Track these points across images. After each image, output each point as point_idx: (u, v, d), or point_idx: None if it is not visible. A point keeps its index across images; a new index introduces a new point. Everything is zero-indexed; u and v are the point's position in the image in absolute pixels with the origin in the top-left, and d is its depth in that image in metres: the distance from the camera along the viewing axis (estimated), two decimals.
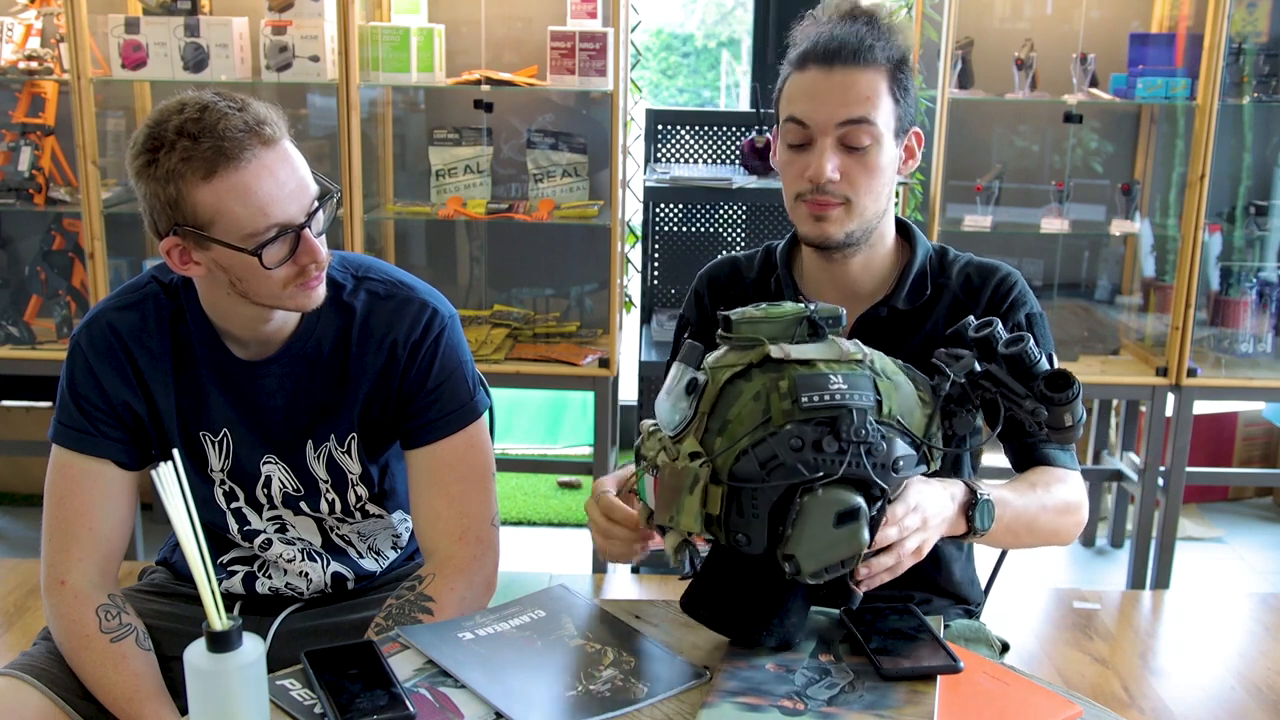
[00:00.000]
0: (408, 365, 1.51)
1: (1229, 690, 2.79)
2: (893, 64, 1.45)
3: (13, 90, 3.22)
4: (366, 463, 1.56)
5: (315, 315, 1.49)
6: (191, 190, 1.31)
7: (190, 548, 1.08)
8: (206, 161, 1.29)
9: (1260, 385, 3.23)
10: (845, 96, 1.43)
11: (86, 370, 1.48)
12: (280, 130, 1.35)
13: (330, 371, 1.51)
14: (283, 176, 1.33)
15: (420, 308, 1.53)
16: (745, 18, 3.97)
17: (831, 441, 1.11)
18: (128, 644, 1.46)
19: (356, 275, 1.54)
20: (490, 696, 1.15)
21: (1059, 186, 3.32)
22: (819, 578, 1.14)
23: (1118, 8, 3.31)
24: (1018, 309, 1.51)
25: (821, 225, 1.47)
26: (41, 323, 3.29)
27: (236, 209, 1.31)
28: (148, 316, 1.49)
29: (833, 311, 1.22)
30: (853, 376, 1.15)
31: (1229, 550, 3.59)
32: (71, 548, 1.48)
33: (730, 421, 1.15)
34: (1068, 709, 1.15)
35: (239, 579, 1.61)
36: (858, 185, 1.45)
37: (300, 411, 1.52)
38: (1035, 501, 1.41)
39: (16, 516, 3.53)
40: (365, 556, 1.65)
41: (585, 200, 3.27)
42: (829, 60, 1.43)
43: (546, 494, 3.86)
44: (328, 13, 3.03)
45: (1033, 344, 1.24)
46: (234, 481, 1.55)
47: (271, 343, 1.49)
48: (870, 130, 1.43)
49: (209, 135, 1.29)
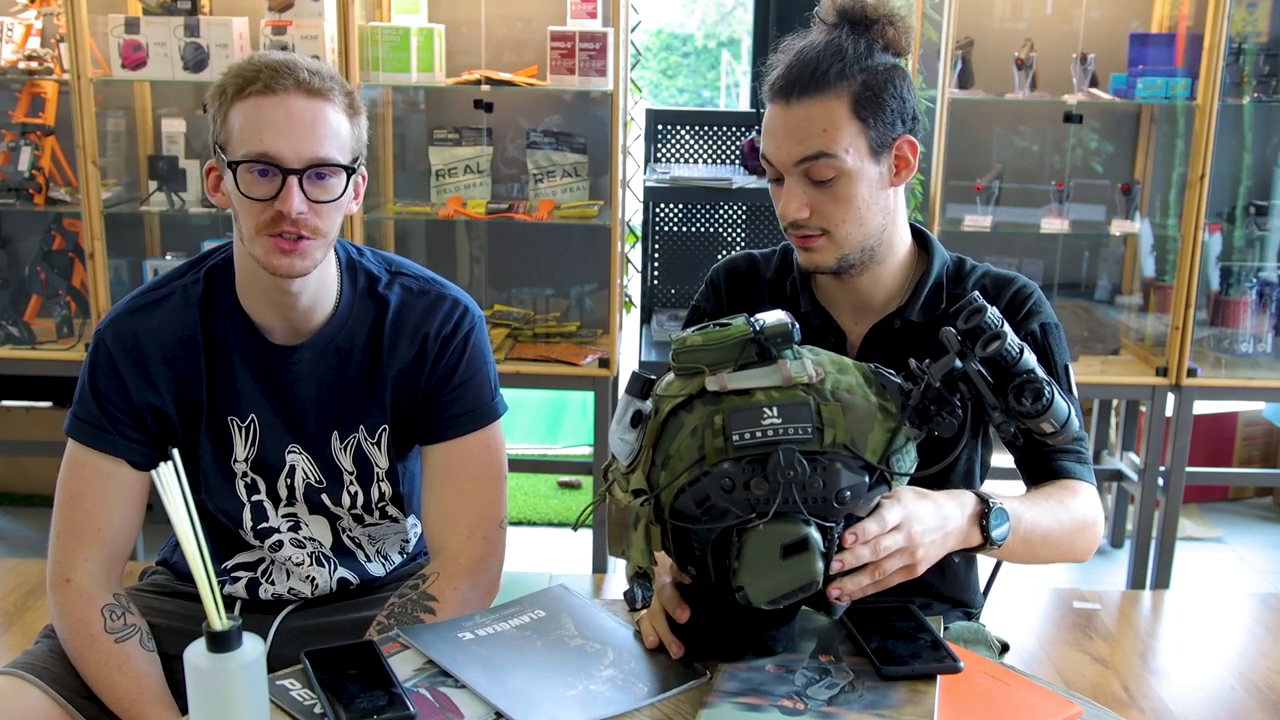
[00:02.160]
0: (436, 359, 1.53)
1: (1229, 690, 2.79)
2: (860, 82, 1.38)
3: (13, 90, 3.22)
4: (394, 458, 1.57)
5: (349, 306, 1.51)
6: (226, 108, 1.39)
7: (190, 548, 1.08)
8: (246, 82, 1.37)
9: (1260, 385, 3.23)
10: (799, 133, 1.39)
11: (109, 368, 1.48)
12: (333, 93, 1.39)
13: (361, 363, 1.53)
14: (299, 119, 1.37)
15: (453, 305, 1.56)
16: (745, 18, 3.97)
17: (761, 483, 1.11)
18: (132, 645, 1.46)
19: (390, 270, 1.57)
20: (490, 696, 1.15)
21: (1059, 186, 3.32)
22: (776, 605, 1.13)
23: (1118, 8, 3.31)
24: (1033, 319, 1.49)
25: (810, 255, 1.45)
26: (41, 323, 3.29)
27: (244, 128, 1.37)
28: (171, 309, 1.49)
29: (781, 329, 1.17)
30: (791, 407, 1.12)
31: (1229, 550, 3.59)
32: (79, 547, 1.47)
33: (671, 457, 1.15)
34: (1068, 709, 1.15)
35: (242, 585, 1.61)
36: (830, 217, 1.41)
37: (329, 401, 1.53)
38: (1049, 515, 1.37)
39: (16, 516, 3.53)
40: (373, 561, 1.65)
41: (585, 200, 3.27)
42: (786, 94, 1.39)
43: (546, 494, 3.86)
44: (328, 13, 3.03)
45: (1012, 341, 1.19)
46: (257, 473, 1.55)
47: (302, 330, 1.50)
48: (831, 164, 1.38)
49: (263, 65, 1.38)
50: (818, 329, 1.51)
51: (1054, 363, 1.47)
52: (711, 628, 1.23)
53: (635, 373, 1.21)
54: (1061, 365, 1.48)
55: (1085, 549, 1.44)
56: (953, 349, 1.20)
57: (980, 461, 1.55)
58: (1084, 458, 1.48)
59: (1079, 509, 1.41)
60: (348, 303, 1.51)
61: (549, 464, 3.87)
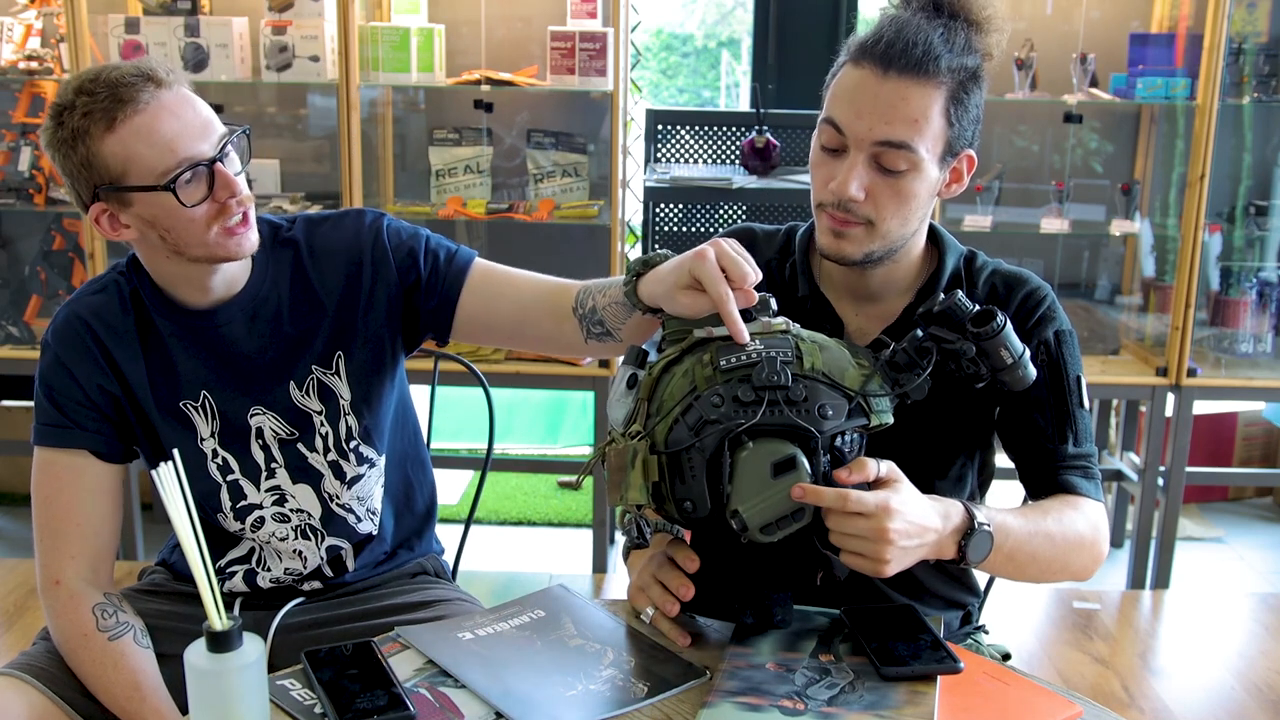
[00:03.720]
0: (376, 264, 1.53)
1: (1229, 690, 2.79)
2: (957, 80, 1.31)
3: (13, 90, 3.22)
4: (357, 386, 1.55)
5: (264, 257, 1.51)
6: (99, 145, 1.33)
7: (190, 548, 1.08)
8: (106, 111, 1.32)
9: (1260, 385, 3.23)
10: (890, 113, 1.29)
11: (55, 362, 1.49)
12: (177, 77, 1.37)
13: (294, 305, 1.52)
14: (185, 115, 1.35)
15: (356, 215, 1.56)
16: (745, 18, 3.97)
17: (747, 391, 1.15)
18: (125, 642, 1.46)
19: (290, 218, 1.58)
20: (490, 696, 1.16)
21: (1059, 186, 3.32)
22: (770, 533, 1.15)
23: (1118, 8, 3.31)
24: (1045, 325, 1.42)
25: (839, 242, 1.36)
26: (41, 323, 3.29)
27: (144, 151, 1.33)
28: (111, 298, 1.49)
29: (761, 297, 1.24)
30: (772, 340, 1.19)
31: (1229, 550, 3.59)
32: (61, 546, 1.48)
33: (665, 401, 1.19)
34: (1068, 709, 1.15)
35: (240, 578, 1.61)
36: (884, 209, 1.33)
37: (275, 352, 1.52)
38: (1042, 532, 1.32)
39: (16, 516, 3.54)
40: (364, 520, 1.62)
41: (585, 200, 3.27)
42: (885, 62, 1.28)
43: (546, 494, 3.86)
44: (328, 13, 3.03)
45: (962, 296, 1.24)
46: (226, 449, 1.54)
47: (228, 297, 1.50)
48: (910, 157, 1.30)
49: (104, 86, 1.32)
50: (812, 314, 1.46)
51: (1065, 374, 1.42)
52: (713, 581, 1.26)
53: (632, 345, 1.28)
54: (1073, 376, 1.42)
55: (1083, 568, 1.38)
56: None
57: (980, 464, 1.52)
58: (1091, 473, 1.42)
59: (1077, 526, 1.36)
60: (261, 255, 1.50)
61: (549, 464, 3.87)
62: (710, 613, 1.29)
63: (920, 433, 1.39)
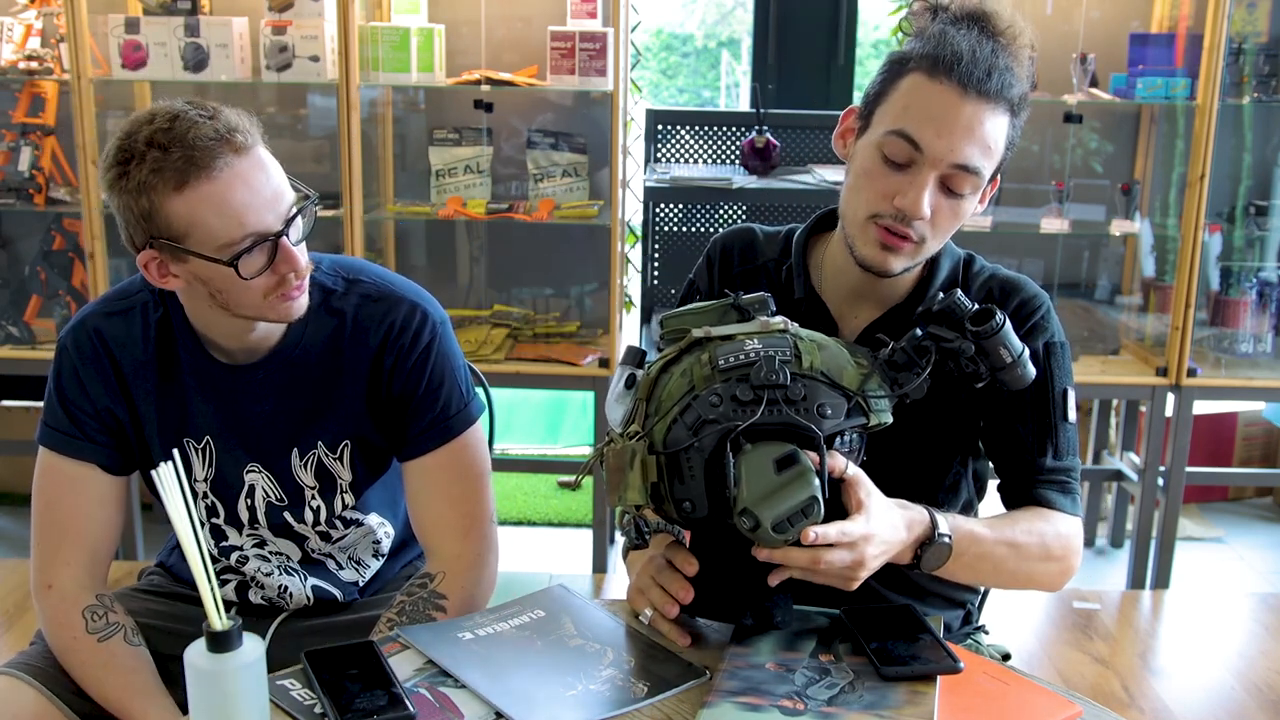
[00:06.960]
0: (396, 369, 1.48)
1: (1229, 690, 2.79)
2: (1018, 109, 1.31)
3: (13, 90, 3.22)
4: (361, 471, 1.54)
5: (304, 320, 1.45)
6: (164, 202, 1.28)
7: (190, 548, 1.08)
8: (178, 172, 1.27)
9: (1260, 385, 3.23)
10: (973, 135, 1.28)
11: (73, 374, 1.47)
12: (253, 138, 1.32)
13: (319, 377, 1.48)
14: (257, 184, 1.31)
15: (410, 310, 1.49)
16: (745, 18, 3.96)
17: (746, 390, 1.15)
18: (115, 642, 1.46)
19: (347, 279, 1.51)
20: (490, 696, 1.16)
21: (1059, 186, 3.32)
22: (784, 531, 1.13)
23: (1118, 8, 3.31)
24: (1037, 335, 1.42)
25: (887, 256, 1.35)
26: (41, 323, 3.29)
27: (211, 219, 1.28)
28: (134, 324, 1.47)
29: (758, 298, 1.26)
30: (770, 339, 1.20)
31: (1229, 550, 3.60)
32: (58, 552, 1.47)
33: (663, 400, 1.19)
34: (1068, 709, 1.15)
35: (231, 588, 1.61)
36: (939, 229, 1.34)
37: (286, 418, 1.49)
38: (1006, 541, 1.34)
39: (16, 516, 3.53)
40: (345, 568, 1.63)
41: (585, 200, 3.27)
42: (966, 83, 1.26)
43: (546, 494, 3.86)
44: (328, 13, 3.03)
45: (961, 295, 1.25)
46: (216, 495, 1.53)
47: (258, 350, 1.47)
48: (974, 180, 1.31)
49: (179, 145, 1.27)
50: (807, 316, 1.44)
51: (1051, 386, 1.41)
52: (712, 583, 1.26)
53: (630, 345, 1.30)
54: (1060, 389, 1.42)
55: (1049, 580, 1.40)
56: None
57: (972, 473, 1.53)
58: (1069, 488, 1.42)
59: (1045, 539, 1.37)
60: (302, 318, 1.44)
61: (549, 464, 3.87)
62: (710, 614, 1.29)
63: (916, 442, 1.41)
